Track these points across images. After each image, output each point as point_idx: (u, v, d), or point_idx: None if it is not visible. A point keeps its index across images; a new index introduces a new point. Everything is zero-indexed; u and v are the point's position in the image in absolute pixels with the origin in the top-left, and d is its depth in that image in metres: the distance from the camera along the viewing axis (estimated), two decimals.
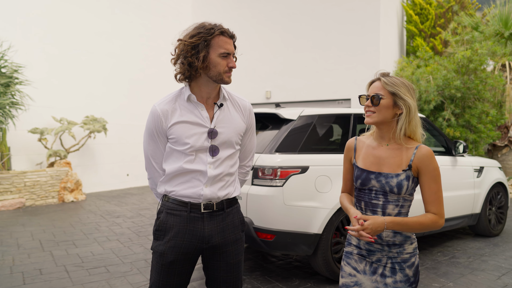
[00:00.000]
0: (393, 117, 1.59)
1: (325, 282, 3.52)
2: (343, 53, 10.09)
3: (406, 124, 1.57)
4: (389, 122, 1.60)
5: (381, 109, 1.57)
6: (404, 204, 1.59)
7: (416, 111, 1.60)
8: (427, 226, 1.51)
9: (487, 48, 8.23)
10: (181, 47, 1.59)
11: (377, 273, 1.60)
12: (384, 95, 1.57)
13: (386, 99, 1.57)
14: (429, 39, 12.06)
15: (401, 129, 1.57)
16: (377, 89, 1.59)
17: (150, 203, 7.65)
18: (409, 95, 1.57)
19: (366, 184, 1.61)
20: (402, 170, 1.56)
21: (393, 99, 1.57)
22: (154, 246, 1.68)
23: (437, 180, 1.54)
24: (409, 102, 1.56)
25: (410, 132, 1.59)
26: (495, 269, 3.91)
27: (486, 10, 11.87)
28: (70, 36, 8.76)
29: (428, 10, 12.32)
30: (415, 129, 1.59)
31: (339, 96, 10.16)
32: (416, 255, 1.63)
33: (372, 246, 1.62)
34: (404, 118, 1.56)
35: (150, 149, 1.73)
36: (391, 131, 1.61)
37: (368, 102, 1.60)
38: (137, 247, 4.57)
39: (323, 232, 3.34)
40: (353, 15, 10.05)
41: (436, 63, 8.75)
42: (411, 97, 1.57)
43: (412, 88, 1.60)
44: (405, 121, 1.56)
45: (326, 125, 3.79)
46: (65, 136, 8.37)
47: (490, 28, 9.17)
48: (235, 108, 1.75)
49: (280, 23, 11.08)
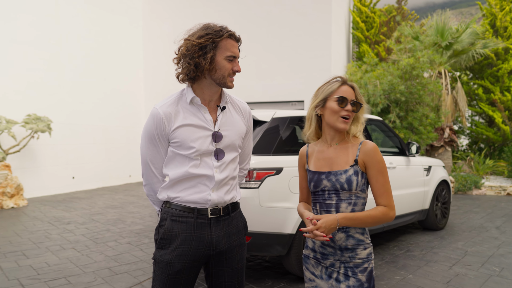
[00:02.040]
0: None
1: (297, 281, 3.59)
2: (297, 56, 10.36)
3: (361, 128, 1.66)
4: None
5: (353, 116, 1.63)
6: (357, 201, 1.60)
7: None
8: (379, 218, 1.54)
9: (427, 57, 8.95)
10: (188, 47, 1.54)
11: (332, 278, 1.61)
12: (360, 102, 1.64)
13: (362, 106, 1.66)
14: (374, 46, 12.84)
15: (353, 131, 1.65)
16: (353, 95, 1.63)
17: (101, 207, 7.24)
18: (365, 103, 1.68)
19: (319, 185, 1.64)
20: (350, 165, 1.59)
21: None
22: (159, 255, 1.59)
23: (383, 172, 1.57)
24: (364, 108, 1.66)
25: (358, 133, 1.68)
26: (446, 260, 4.28)
27: (424, 21, 12.92)
28: (6, 25, 7.98)
29: (373, 19, 13.11)
30: (362, 129, 1.69)
31: (293, 98, 10.42)
32: (370, 261, 1.61)
33: (325, 250, 1.63)
34: (361, 122, 1.65)
35: (150, 154, 1.65)
36: (343, 133, 1.67)
37: (349, 107, 1.60)
38: (97, 255, 4.30)
39: (296, 232, 3.41)
40: (307, 20, 10.37)
41: (382, 69, 9.33)
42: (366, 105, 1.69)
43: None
44: (360, 126, 1.66)
45: (297, 126, 3.88)
46: (4, 136, 7.61)
47: (429, 38, 9.98)
48: (236, 110, 1.73)
49: (235, 23, 11.08)
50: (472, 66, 12.16)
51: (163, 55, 11.81)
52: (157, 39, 11.88)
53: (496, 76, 11.71)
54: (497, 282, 3.62)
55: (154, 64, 11.89)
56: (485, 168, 10.58)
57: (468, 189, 9.45)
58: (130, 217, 6.35)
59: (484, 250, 4.66)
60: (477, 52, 10.81)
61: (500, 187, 9.48)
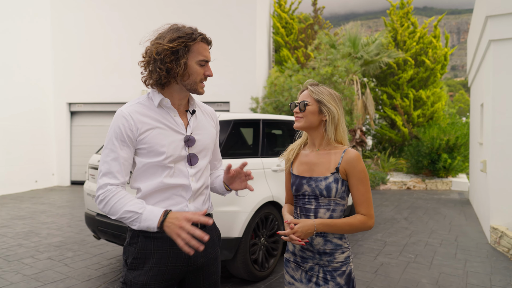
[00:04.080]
0: (320, 123, 1.69)
1: (242, 283, 3.62)
2: (223, 58, 10.36)
3: (334, 130, 1.68)
4: (318, 129, 1.70)
5: (308, 115, 1.67)
6: (336, 208, 1.62)
7: (342, 118, 1.72)
8: (357, 227, 1.56)
9: (344, 66, 9.74)
10: (158, 51, 1.42)
11: (312, 281, 1.63)
12: (310, 102, 1.68)
13: (312, 105, 1.67)
14: (294, 51, 13.49)
15: (330, 135, 1.67)
16: (305, 96, 1.70)
17: (6, 218, 6.33)
18: (333, 103, 1.68)
19: (300, 189, 1.66)
20: (331, 173, 1.61)
21: (319, 106, 1.67)
22: (131, 277, 1.44)
23: (365, 182, 1.59)
24: (332, 109, 1.66)
25: (340, 138, 1.71)
26: (370, 251, 4.72)
27: (337, 30, 14.00)
28: None
29: (292, 25, 13.76)
30: (343, 134, 1.71)
31: (219, 98, 10.40)
32: (349, 264, 1.63)
33: (304, 254, 1.65)
34: (331, 125, 1.67)
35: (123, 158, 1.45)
36: (320, 137, 1.71)
37: (296, 109, 1.70)
38: (12, 275, 3.76)
39: (243, 236, 3.43)
40: (232, 21, 10.44)
41: (302, 75, 9.88)
42: (335, 105, 1.68)
43: (338, 97, 1.72)
44: (331, 127, 1.68)
45: (240, 130, 3.90)
46: None
47: (344, 48, 10.85)
48: (204, 115, 1.67)
49: (156, 21, 10.64)
50: (378, 75, 13.55)
51: (76, 47, 10.79)
52: (68, 30, 10.81)
53: (397, 84, 13.24)
54: (415, 267, 4.12)
55: (65, 56, 10.80)
56: (389, 166, 11.89)
57: (376, 184, 10.53)
58: (45, 229, 5.68)
59: (399, 239, 5.25)
60: (383, 62, 12.09)
61: (401, 182, 10.76)
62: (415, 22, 13.58)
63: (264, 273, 3.68)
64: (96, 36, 10.79)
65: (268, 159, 3.94)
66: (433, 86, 13.36)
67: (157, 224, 1.34)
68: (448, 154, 10.97)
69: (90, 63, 10.79)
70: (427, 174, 11.55)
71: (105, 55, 10.74)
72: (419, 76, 13.03)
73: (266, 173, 3.83)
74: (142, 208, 1.37)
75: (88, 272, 3.89)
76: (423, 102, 13.02)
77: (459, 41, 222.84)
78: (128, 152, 1.46)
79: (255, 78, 10.51)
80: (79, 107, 10.99)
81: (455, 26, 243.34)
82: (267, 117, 4.16)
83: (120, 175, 1.44)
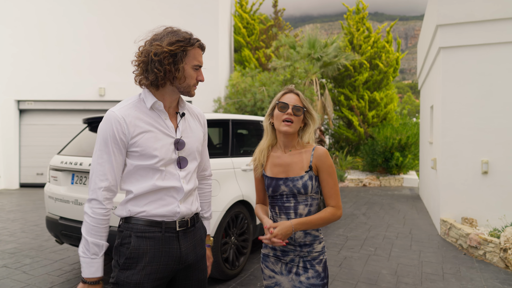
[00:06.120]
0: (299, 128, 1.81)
1: (214, 282, 3.64)
2: None
3: (312, 135, 1.81)
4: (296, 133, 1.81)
5: (298, 120, 1.76)
6: (312, 202, 1.74)
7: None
8: (328, 219, 1.69)
9: (303, 67, 10.02)
10: (157, 52, 1.44)
11: (292, 272, 1.74)
12: (301, 107, 1.76)
13: (301, 111, 1.76)
14: (255, 51, 13.63)
15: (306, 139, 1.78)
16: (296, 101, 1.77)
17: None
18: (313, 111, 1.83)
19: (277, 190, 1.75)
20: (305, 171, 1.71)
21: (304, 113, 1.79)
22: (124, 277, 1.45)
23: (333, 175, 1.73)
24: (315, 117, 1.80)
25: (310, 140, 1.83)
26: (333, 246, 4.93)
27: (297, 32, 14.33)
28: None
29: (253, 25, 13.90)
30: (313, 136, 1.87)
31: None
32: (324, 253, 1.78)
33: (286, 247, 1.75)
34: (311, 130, 1.79)
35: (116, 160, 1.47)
36: (295, 140, 1.81)
37: (289, 111, 1.74)
38: None
39: (214, 235, 3.46)
40: (194, 21, 10.34)
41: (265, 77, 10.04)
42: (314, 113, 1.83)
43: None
44: (310, 133, 1.79)
45: (211, 130, 3.92)
46: None
47: (303, 50, 11.15)
48: (192, 117, 1.70)
49: (114, 17, 10.29)
50: (336, 76, 14.06)
51: (26, 41, 10.14)
52: (18, 24, 10.14)
53: (354, 85, 13.83)
54: (375, 260, 4.38)
55: (15, 51, 10.12)
56: (346, 164, 12.40)
57: None
58: None
59: (359, 234, 5.53)
60: (341, 64, 12.58)
61: (358, 180, 11.28)
62: (369, 27, 14.26)
63: (235, 271, 3.74)
64: (49, 31, 10.21)
65: (238, 159, 4.00)
66: (386, 89, 14.11)
67: (82, 277, 1.46)
68: (400, 152, 11.65)
69: (42, 59, 10.20)
70: (381, 172, 12.20)
71: (59, 50, 10.21)
72: (373, 78, 13.70)
73: (236, 173, 3.89)
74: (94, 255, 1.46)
75: (50, 279, 3.72)
76: (377, 103, 13.71)
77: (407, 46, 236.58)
78: (120, 155, 1.48)
79: (217, 77, 10.50)
80: (29, 105, 10.34)
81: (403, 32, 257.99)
82: (236, 117, 4.21)
83: (112, 177, 1.47)
